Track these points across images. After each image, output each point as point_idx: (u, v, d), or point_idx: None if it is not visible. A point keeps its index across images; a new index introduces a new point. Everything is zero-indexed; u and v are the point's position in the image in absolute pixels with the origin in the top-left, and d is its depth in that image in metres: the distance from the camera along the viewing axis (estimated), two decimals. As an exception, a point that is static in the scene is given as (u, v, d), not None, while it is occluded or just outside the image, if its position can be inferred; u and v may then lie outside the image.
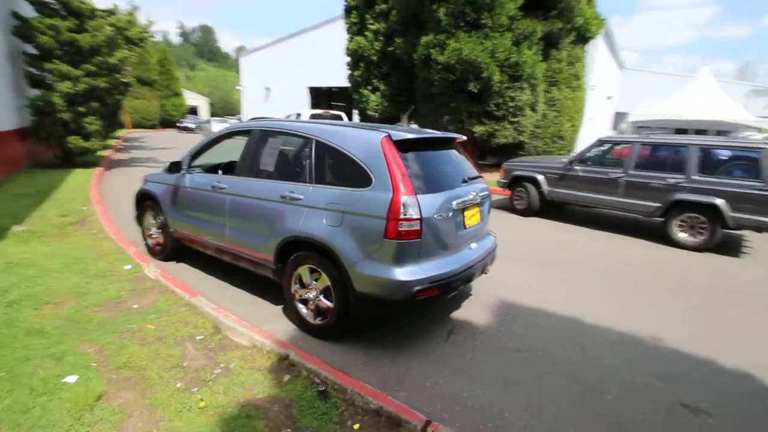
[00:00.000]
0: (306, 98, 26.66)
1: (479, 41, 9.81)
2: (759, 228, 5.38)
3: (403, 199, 2.64)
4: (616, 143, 6.86)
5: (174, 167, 4.05)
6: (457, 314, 3.65)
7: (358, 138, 2.96)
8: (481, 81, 10.15)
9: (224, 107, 68.51)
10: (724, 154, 5.85)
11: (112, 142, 14.00)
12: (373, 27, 12.67)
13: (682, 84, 22.73)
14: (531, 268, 4.94)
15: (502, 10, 9.68)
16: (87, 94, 10.22)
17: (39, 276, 3.85)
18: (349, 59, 14.13)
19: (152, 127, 35.51)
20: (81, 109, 10.12)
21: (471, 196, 3.19)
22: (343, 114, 14.18)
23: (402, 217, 2.63)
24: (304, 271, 3.13)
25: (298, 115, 13.30)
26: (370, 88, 13.22)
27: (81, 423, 2.11)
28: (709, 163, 5.80)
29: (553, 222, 7.41)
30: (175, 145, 20.98)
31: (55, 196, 7.38)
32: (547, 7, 10.46)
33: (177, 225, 4.25)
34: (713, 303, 4.22)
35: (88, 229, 5.60)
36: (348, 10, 13.44)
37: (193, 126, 33.02)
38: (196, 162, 4.26)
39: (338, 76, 24.35)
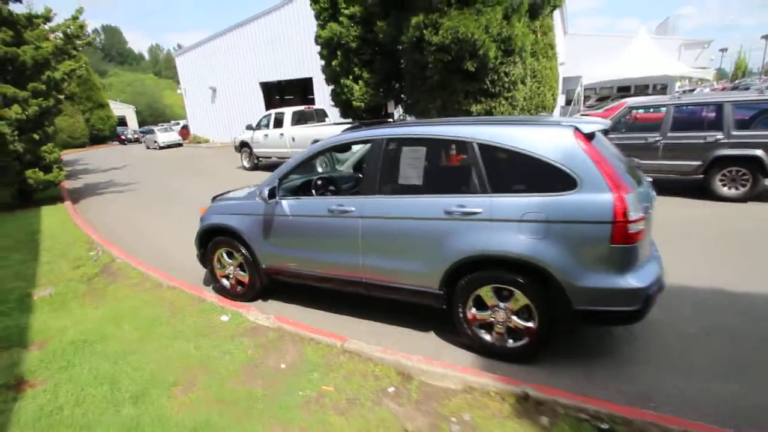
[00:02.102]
0: (259, 95, 25.04)
1: (473, 18, 9.57)
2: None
3: (627, 197, 2.38)
4: (647, 108, 7.02)
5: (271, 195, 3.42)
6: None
7: (540, 136, 2.62)
8: (477, 59, 9.96)
9: (153, 114, 63.18)
10: (757, 108, 6.17)
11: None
12: (347, 12, 11.93)
13: (622, 45, 24.19)
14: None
15: (492, -17, 9.46)
16: (38, 118, 8.70)
17: (131, 352, 3.13)
18: (321, 49, 13.28)
19: (82, 145, 31.89)
20: (35, 136, 8.61)
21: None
22: (324, 108, 13.40)
23: (630, 218, 2.36)
24: (486, 292, 2.78)
25: (280, 114, 12.35)
26: (351, 77, 12.55)
27: None
28: (744, 118, 6.09)
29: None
30: (127, 162, 18.93)
31: (47, 244, 6.22)
32: (530, -22, 10.40)
33: (274, 260, 3.67)
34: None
35: (126, 279, 4.74)
36: (316, -4, 12.56)
37: (137, 137, 30.48)
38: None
39: (288, 67, 23.12)
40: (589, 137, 2.60)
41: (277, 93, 28.77)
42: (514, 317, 2.74)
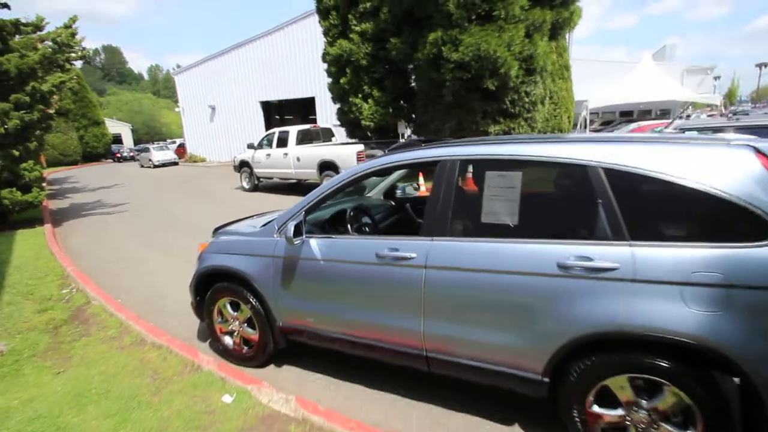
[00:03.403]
0: (259, 114, 24.50)
1: (495, 35, 9.01)
2: None
3: None
4: (701, 130, 6.33)
5: (297, 231, 2.55)
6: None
7: (703, 159, 1.81)
8: (498, 77, 9.37)
9: (149, 132, 62.90)
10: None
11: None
12: (358, 28, 11.40)
13: (626, 70, 24.14)
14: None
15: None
16: (20, 132, 7.85)
17: (93, 456, 2.19)
18: (328, 66, 12.69)
19: (74, 163, 30.99)
20: (15, 152, 7.74)
21: None
22: (331, 127, 12.71)
23: None
24: (619, 383, 1.91)
25: (284, 133, 11.61)
26: (360, 95, 11.91)
27: None
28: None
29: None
30: (119, 180, 18.06)
31: (13, 278, 5.26)
32: (551, -5, 9.96)
33: (295, 316, 2.78)
34: None
35: (101, 330, 3.79)
36: (325, 11, 12.01)
37: (132, 155, 30.17)
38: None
39: (289, 87, 22.65)
40: None
41: (278, 112, 28.31)
42: (664, 424, 1.86)
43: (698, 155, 1.84)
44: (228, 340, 3.18)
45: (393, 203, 4.04)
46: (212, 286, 3.13)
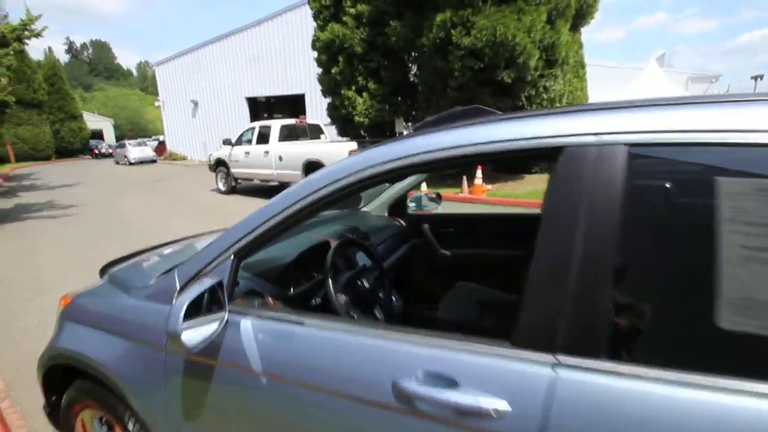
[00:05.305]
0: (245, 111, 22.94)
1: (513, 17, 7.70)
2: None
3: None
4: None
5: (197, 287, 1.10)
6: None
7: None
8: (515, 68, 8.06)
9: (134, 129, 60.86)
10: None
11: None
12: (352, 10, 10.01)
13: (632, 76, 23.24)
14: None
15: (537, -23, 7.67)
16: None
17: None
18: (318, 54, 11.27)
19: (47, 158, 29.07)
20: None
21: None
22: (320, 123, 11.22)
23: None
24: None
25: (265, 128, 10.11)
26: (354, 88, 10.50)
27: None
28: None
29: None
30: (86, 179, 16.38)
31: None
32: (575, -23, 8.71)
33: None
34: None
35: None
36: (316, -9, 10.63)
37: (111, 152, 28.77)
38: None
39: (278, 83, 21.18)
40: None
41: (266, 110, 26.71)
42: None
43: None
44: (100, 479, 1.71)
45: (403, 223, 2.61)
46: (71, 383, 1.67)
